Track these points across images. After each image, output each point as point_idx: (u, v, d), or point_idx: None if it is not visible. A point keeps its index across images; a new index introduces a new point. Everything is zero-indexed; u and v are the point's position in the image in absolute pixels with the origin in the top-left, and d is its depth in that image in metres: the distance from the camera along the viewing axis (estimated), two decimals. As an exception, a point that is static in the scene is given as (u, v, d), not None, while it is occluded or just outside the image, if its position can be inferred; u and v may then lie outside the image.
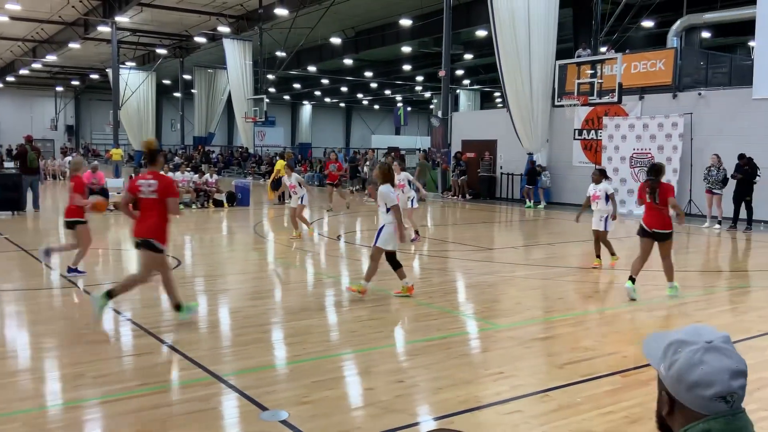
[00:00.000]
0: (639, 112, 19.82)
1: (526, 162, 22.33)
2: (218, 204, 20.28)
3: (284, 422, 4.42)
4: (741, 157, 15.47)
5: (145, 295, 8.47)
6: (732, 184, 15.66)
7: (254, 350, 6.05)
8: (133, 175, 19.97)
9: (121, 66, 40.28)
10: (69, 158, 36.59)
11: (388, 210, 8.20)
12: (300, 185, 13.48)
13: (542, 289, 9.21)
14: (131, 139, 47.73)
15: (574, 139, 21.85)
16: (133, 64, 45.39)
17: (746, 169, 15.39)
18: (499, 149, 24.19)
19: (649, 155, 19.34)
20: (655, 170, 8.35)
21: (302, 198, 13.34)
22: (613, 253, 10.65)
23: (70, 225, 9.38)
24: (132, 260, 11.45)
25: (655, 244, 8.30)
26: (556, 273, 10.42)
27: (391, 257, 8.30)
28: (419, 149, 35.99)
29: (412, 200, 12.96)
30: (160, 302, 8.11)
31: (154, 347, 6.13)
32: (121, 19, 33.73)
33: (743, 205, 15.52)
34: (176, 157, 39.54)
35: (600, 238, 10.58)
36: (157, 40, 40.69)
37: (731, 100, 17.90)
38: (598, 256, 10.69)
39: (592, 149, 21.22)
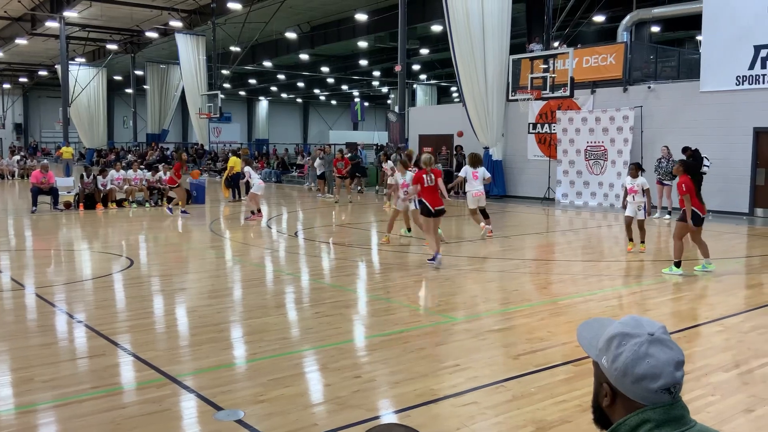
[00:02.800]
0: (591, 105, 20.18)
1: (483, 156, 22.50)
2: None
3: (240, 422, 4.39)
4: (685, 150, 15.84)
5: (97, 296, 8.32)
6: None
7: (209, 350, 5.99)
8: (84, 173, 19.56)
9: (70, 62, 39.31)
10: (17, 157, 35.69)
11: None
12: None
13: (498, 282, 9.32)
14: (82, 137, 46.69)
15: (529, 132, 22.14)
16: (83, 60, 44.34)
17: (691, 161, 15.77)
18: (455, 143, 24.35)
19: (602, 148, 19.72)
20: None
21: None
22: (643, 241, 11.46)
23: None
24: (82, 261, 11.22)
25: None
26: (512, 265, 10.56)
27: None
28: (377, 145, 35.98)
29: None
30: (114, 303, 7.97)
31: (107, 349, 6.02)
32: (70, 14, 32.91)
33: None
34: (129, 155, 38.85)
35: (639, 225, 11.37)
36: (108, 36, 39.81)
37: (680, 93, 18.35)
38: (631, 240, 11.54)
39: (547, 143, 21.53)
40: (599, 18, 25.33)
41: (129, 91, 48.61)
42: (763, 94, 16.32)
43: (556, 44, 21.64)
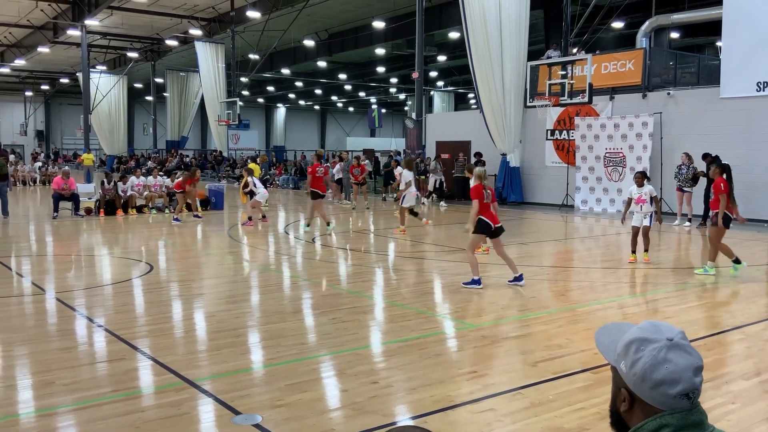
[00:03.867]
0: (610, 112, 20.07)
1: (500, 163, 22.49)
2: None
3: (258, 426, 4.41)
4: (705, 156, 15.71)
5: (117, 301, 8.40)
6: (703, 182, 15.90)
7: (228, 354, 6.02)
8: (104, 180, 19.78)
9: (91, 70, 39.80)
10: (38, 164, 36.14)
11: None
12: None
13: (516, 288, 9.27)
14: (103, 144, 47.20)
15: (547, 139, 22.06)
16: (104, 67, 44.90)
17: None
18: (473, 150, 24.32)
19: (621, 154, 19.60)
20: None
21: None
22: (646, 250, 11.17)
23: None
24: (102, 266, 11.33)
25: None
26: (530, 272, 10.50)
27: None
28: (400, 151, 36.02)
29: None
30: (133, 308, 8.05)
31: (126, 353, 6.07)
32: (91, 23, 33.35)
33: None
34: (149, 162, 39.20)
35: (643, 233, 11.01)
36: (128, 44, 40.30)
37: (699, 99, 18.20)
38: (634, 252, 11.21)
39: (565, 149, 21.44)
40: (618, 24, 25.22)
41: (149, 98, 49.12)
42: (785, 100, 16.14)
43: (574, 50, 21.58)
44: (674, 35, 25.61)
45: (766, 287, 9.68)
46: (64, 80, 52.44)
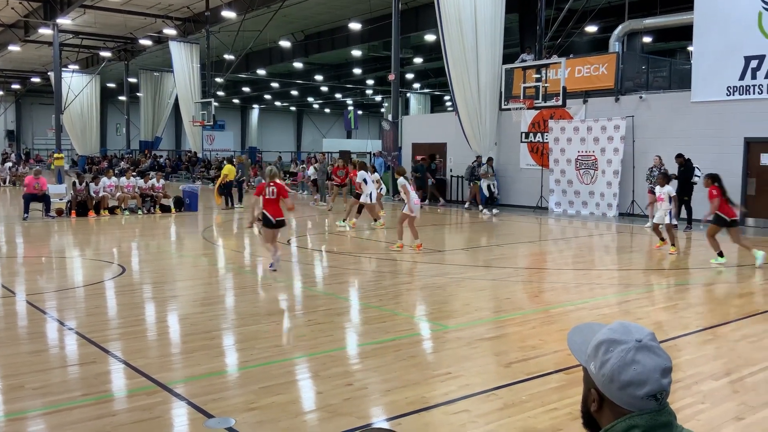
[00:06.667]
0: (583, 115, 20.28)
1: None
2: (165, 209, 19.96)
3: (231, 429, 4.38)
4: (678, 156, 15.96)
5: (89, 304, 8.29)
6: (673, 184, 16.12)
7: (201, 357, 5.98)
8: (76, 181, 19.51)
9: (63, 69, 39.20)
10: (9, 164, 35.54)
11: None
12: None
13: (491, 290, 9.33)
14: (75, 144, 46.56)
15: (521, 142, 22.22)
16: (76, 67, 44.29)
17: (682, 170, 15.87)
18: (449, 152, 24.43)
19: (593, 157, 19.81)
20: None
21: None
22: (673, 243, 12.50)
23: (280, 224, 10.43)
24: (74, 268, 11.17)
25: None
26: (505, 273, 10.59)
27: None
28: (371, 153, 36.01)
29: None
30: (105, 310, 7.95)
31: (98, 356, 5.99)
32: (63, 21, 32.86)
33: (683, 204, 16.00)
34: (122, 162, 38.77)
35: (668, 229, 12.47)
36: (101, 43, 39.80)
37: (671, 103, 18.46)
38: (662, 239, 12.69)
39: (539, 152, 21.61)
40: (591, 28, 25.51)
41: (122, 98, 48.56)
42: (754, 104, 16.44)
43: (548, 54, 21.76)
44: (647, 39, 25.94)
45: (736, 288, 9.85)
46: (36, 79, 51.62)
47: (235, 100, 62.73)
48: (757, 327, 7.32)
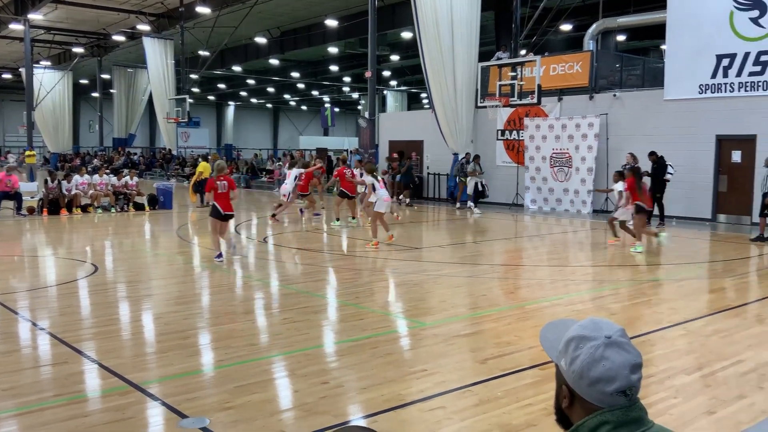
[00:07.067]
0: (558, 113, 20.43)
1: (452, 162, 22.67)
2: (139, 207, 19.74)
3: (205, 429, 4.35)
4: (651, 154, 16.15)
5: (61, 303, 8.17)
6: (647, 181, 16.29)
7: (175, 357, 5.92)
8: (48, 178, 19.21)
9: (35, 65, 38.64)
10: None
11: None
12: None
13: (467, 287, 9.37)
14: (47, 142, 45.89)
15: (497, 139, 22.33)
16: (48, 63, 43.68)
17: (655, 167, 16.07)
18: (426, 150, 24.47)
19: (567, 155, 19.97)
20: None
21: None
22: (616, 235, 13.36)
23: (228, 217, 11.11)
24: (46, 267, 11.01)
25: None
26: (481, 270, 10.63)
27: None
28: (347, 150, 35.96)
29: None
30: (78, 310, 7.85)
31: (70, 357, 5.91)
32: (35, 17, 32.37)
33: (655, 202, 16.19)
34: (95, 160, 38.29)
35: (622, 224, 13.18)
36: (74, 39, 39.27)
37: (644, 101, 18.67)
38: (615, 235, 13.39)
39: (515, 149, 21.74)
40: (566, 27, 25.69)
41: (95, 95, 47.98)
42: (725, 102, 16.69)
43: (523, 52, 21.90)
44: (620, 38, 26.20)
45: (707, 284, 10.00)
46: (7, 75, 50.75)
47: (211, 97, 62.24)
48: (729, 322, 7.43)
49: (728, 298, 8.92)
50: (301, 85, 53.83)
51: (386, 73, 45.57)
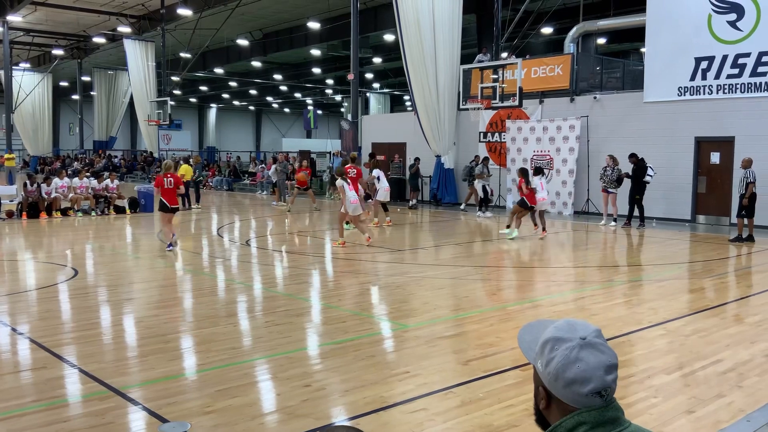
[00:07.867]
0: (539, 115, 20.56)
1: (435, 164, 22.72)
2: (120, 210, 19.59)
3: (186, 433, 4.32)
4: (631, 156, 16.29)
5: (40, 308, 8.09)
6: (627, 183, 16.45)
7: (156, 361, 5.88)
8: (27, 182, 19.00)
9: (14, 67, 38.22)
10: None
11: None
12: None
13: (449, 288, 9.39)
14: (26, 144, 45.40)
15: (480, 141, 22.42)
16: (28, 65, 43.23)
17: (635, 169, 16.20)
18: (409, 152, 24.51)
19: (548, 157, 20.09)
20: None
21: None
22: (536, 224, 14.65)
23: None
24: (25, 271, 10.88)
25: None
26: (463, 272, 10.66)
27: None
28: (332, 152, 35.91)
29: None
30: (57, 314, 7.77)
31: (49, 362, 5.85)
32: (14, 18, 32.02)
33: (635, 203, 16.34)
34: (75, 163, 37.93)
35: (539, 215, 14.65)
36: (53, 41, 38.91)
37: (624, 103, 18.84)
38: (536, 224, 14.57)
39: (497, 151, 21.83)
40: (547, 30, 25.88)
41: (75, 97, 47.54)
42: (704, 104, 16.89)
43: (505, 54, 22.01)
44: (601, 41, 26.44)
45: (687, 284, 10.10)
46: (-16, 77, 50.13)
47: (193, 99, 61.92)
48: (708, 322, 7.51)
49: (707, 298, 9.01)
50: (283, 88, 53.72)
51: (369, 76, 45.62)
